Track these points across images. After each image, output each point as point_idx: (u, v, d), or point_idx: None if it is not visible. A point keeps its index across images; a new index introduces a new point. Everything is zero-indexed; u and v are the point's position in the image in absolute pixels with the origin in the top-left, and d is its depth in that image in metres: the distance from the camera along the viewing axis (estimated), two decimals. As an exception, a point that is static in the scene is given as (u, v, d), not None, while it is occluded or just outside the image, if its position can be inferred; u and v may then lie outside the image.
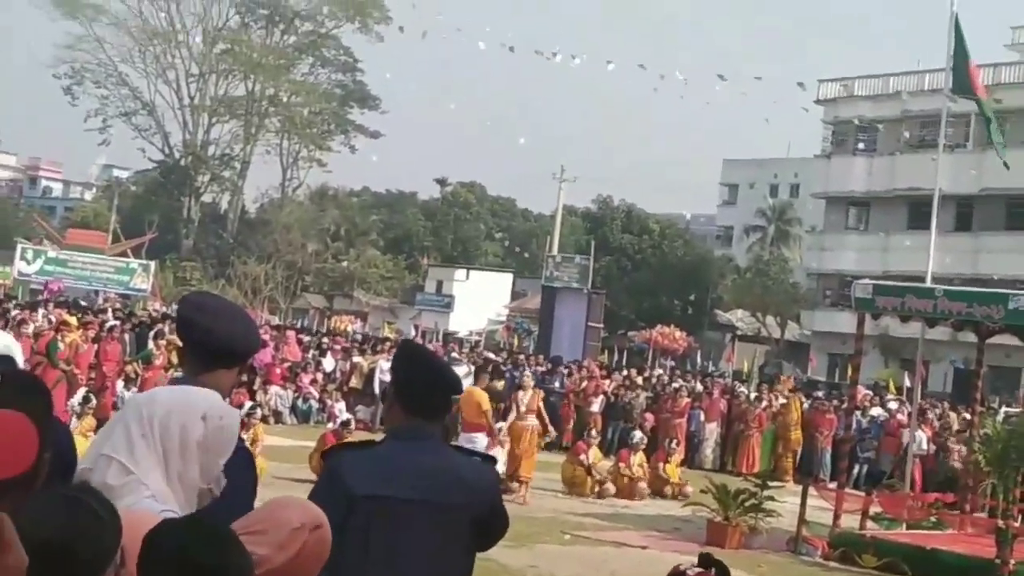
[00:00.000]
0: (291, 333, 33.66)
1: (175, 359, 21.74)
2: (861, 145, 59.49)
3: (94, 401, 18.68)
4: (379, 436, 4.28)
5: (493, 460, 4.76)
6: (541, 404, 20.02)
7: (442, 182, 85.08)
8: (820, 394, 30.40)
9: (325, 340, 33.71)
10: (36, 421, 2.24)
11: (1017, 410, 27.40)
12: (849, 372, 22.12)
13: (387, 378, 25.41)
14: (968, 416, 22.09)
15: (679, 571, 5.07)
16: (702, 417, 27.33)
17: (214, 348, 3.85)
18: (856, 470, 25.53)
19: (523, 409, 19.44)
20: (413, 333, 49.74)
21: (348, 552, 3.92)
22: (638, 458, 21.11)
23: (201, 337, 3.92)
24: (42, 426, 2.26)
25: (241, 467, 3.32)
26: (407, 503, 3.94)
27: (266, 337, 29.69)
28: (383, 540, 3.92)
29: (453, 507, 3.99)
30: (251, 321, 4.33)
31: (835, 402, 28.36)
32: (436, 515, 3.97)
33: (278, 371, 27.51)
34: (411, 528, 3.95)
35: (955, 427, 26.12)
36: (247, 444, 3.61)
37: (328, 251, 69.91)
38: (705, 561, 5.08)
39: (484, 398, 17.88)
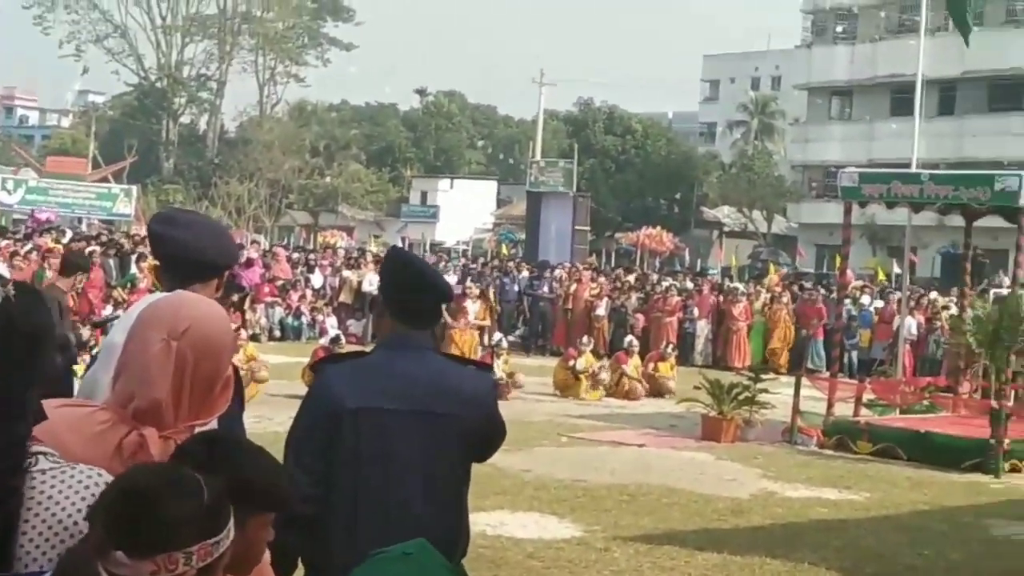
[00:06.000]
0: (281, 251, 33.55)
1: (160, 281, 21.64)
2: (840, 31, 59.02)
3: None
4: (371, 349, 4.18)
5: (489, 368, 4.67)
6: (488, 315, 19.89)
7: (422, 92, 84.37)
8: (808, 285, 30.43)
9: (312, 256, 33.62)
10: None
11: (1006, 291, 27.46)
12: (838, 262, 22.11)
13: (375, 291, 25.49)
14: (956, 300, 22.13)
15: None
16: (696, 313, 27.37)
17: (187, 261, 3.76)
18: (847, 358, 25.63)
19: (471, 319, 19.26)
20: (400, 245, 49.66)
21: (340, 465, 3.85)
22: (634, 360, 21.10)
23: (173, 251, 3.83)
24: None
25: None
26: (397, 414, 3.86)
27: (254, 255, 29.62)
28: (374, 452, 3.84)
29: (446, 417, 3.89)
30: (224, 233, 4.23)
31: (824, 292, 28.40)
32: (428, 425, 3.88)
33: (267, 289, 27.46)
34: (402, 439, 3.86)
35: (943, 312, 26.17)
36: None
37: (310, 167, 69.42)
38: None
39: None
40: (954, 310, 22.13)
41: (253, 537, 2.31)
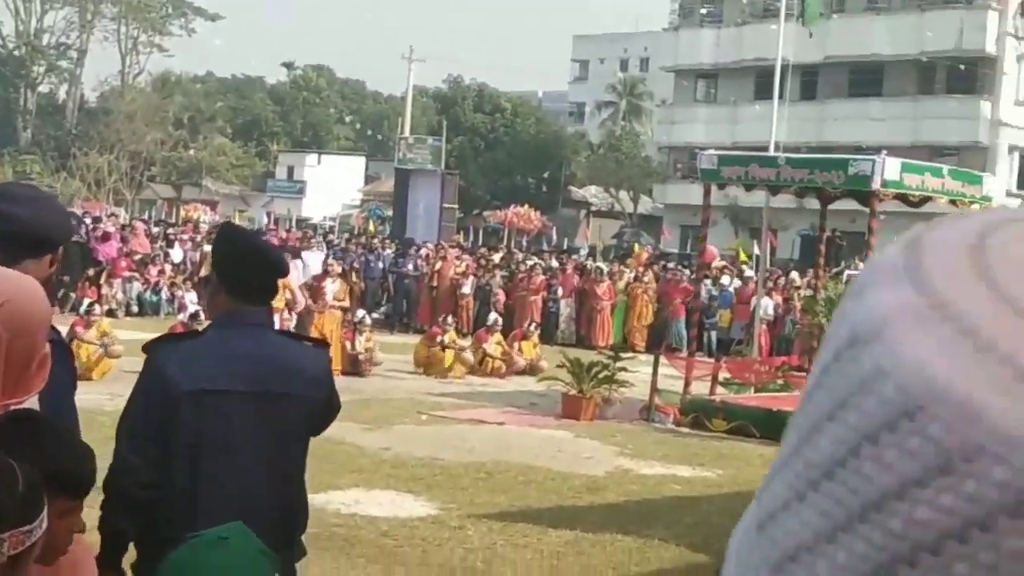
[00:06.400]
0: (139, 225, 32.90)
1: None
2: (706, 14, 59.78)
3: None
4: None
5: (326, 345, 4.64)
6: (348, 296, 19.76)
7: (289, 65, 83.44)
8: (671, 265, 30.85)
9: (172, 230, 33.04)
10: None
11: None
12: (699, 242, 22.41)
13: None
14: (812, 280, 22.60)
15: None
16: (560, 293, 27.56)
17: (27, 238, 3.66)
18: (706, 338, 26.02)
19: (329, 299, 19.09)
20: (265, 220, 49.15)
21: (177, 447, 3.78)
22: (495, 338, 21.16)
23: (15, 227, 3.73)
24: None
25: (55, 359, 3.17)
26: (236, 395, 3.80)
27: (111, 229, 29.02)
28: (213, 435, 3.78)
29: (286, 397, 3.86)
30: (63, 208, 4.13)
31: (688, 272, 28.81)
32: (268, 406, 3.84)
33: (124, 264, 26.90)
34: (242, 421, 3.81)
35: (800, 291, 26.74)
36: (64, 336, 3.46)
37: (173, 139, 68.16)
38: None
39: None
40: (808, 291, 22.61)
41: (55, 524, 2.21)
